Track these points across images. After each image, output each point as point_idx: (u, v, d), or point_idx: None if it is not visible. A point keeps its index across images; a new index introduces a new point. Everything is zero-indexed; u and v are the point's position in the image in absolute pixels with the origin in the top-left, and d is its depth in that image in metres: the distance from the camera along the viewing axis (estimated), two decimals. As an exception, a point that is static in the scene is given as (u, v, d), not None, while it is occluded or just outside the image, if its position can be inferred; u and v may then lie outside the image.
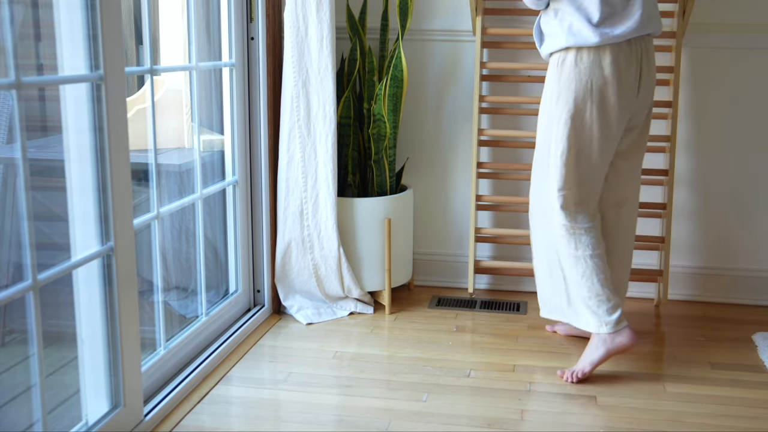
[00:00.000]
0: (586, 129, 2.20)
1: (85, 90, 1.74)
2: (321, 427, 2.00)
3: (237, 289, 2.70)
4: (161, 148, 2.54)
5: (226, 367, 2.35)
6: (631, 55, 2.17)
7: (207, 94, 2.62)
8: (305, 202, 2.72)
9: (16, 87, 1.52)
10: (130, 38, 2.40)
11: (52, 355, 2.09)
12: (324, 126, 2.66)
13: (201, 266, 2.45)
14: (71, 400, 1.96)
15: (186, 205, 2.41)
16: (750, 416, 2.08)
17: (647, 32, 2.18)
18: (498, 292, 3.06)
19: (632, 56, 2.17)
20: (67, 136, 1.75)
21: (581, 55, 2.16)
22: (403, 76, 2.76)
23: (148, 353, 2.14)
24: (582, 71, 2.16)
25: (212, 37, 2.58)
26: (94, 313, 1.83)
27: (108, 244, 1.81)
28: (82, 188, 1.78)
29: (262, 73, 2.63)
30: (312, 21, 2.60)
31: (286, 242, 2.74)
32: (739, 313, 2.86)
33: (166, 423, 2.01)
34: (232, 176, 2.64)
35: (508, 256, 3.08)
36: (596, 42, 2.13)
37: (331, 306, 2.80)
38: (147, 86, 2.14)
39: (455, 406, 2.11)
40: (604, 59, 2.15)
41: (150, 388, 2.08)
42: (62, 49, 1.72)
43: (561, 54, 2.20)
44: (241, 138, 2.65)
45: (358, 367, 2.37)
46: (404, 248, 2.92)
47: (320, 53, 2.62)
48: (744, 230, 2.93)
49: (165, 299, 2.39)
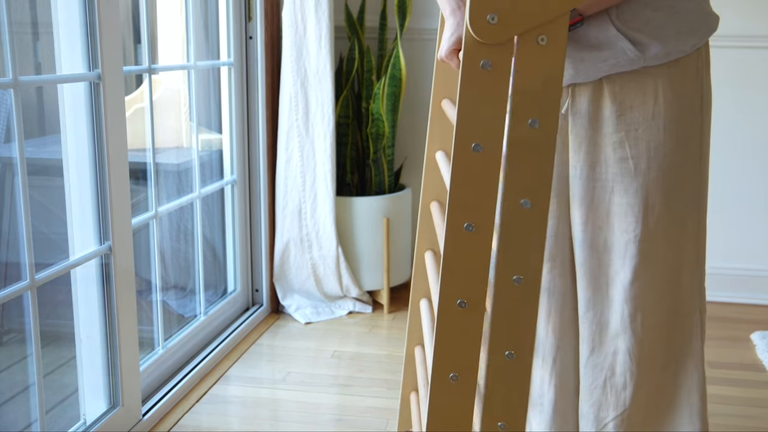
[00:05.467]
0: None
1: (83, 89, 1.74)
2: (319, 426, 2.00)
3: (235, 288, 2.70)
4: (159, 147, 2.54)
5: (224, 367, 2.35)
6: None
7: (205, 93, 2.62)
8: (304, 202, 2.72)
9: (13, 86, 1.52)
10: (128, 37, 2.39)
11: (51, 355, 2.09)
12: (322, 125, 2.66)
13: (199, 265, 2.45)
14: (69, 399, 1.96)
15: (184, 205, 2.41)
16: (748, 415, 2.08)
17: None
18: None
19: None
20: (65, 135, 1.75)
21: (700, 54, 1.32)
22: (402, 76, 2.76)
23: (147, 353, 2.14)
24: (701, 79, 1.32)
25: (210, 36, 2.58)
26: (92, 313, 1.83)
27: (106, 244, 1.80)
28: (80, 187, 1.77)
29: (261, 72, 2.63)
30: (310, 20, 2.60)
31: (285, 241, 2.74)
32: (738, 312, 2.86)
33: (165, 422, 2.00)
34: (231, 175, 2.64)
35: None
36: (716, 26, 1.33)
37: (329, 305, 2.80)
38: (145, 85, 2.14)
39: (454, 405, 2.11)
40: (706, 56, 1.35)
41: (148, 388, 2.08)
42: (60, 47, 1.72)
43: (689, 59, 1.29)
44: (239, 137, 2.64)
45: (356, 366, 2.37)
46: (403, 247, 2.92)
47: (319, 52, 2.61)
48: (743, 229, 2.93)
49: (163, 298, 2.39)
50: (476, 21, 0.99)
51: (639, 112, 1.27)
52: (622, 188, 1.30)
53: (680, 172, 1.30)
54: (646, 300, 1.33)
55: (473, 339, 1.08)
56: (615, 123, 1.29)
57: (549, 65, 1.02)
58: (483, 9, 0.99)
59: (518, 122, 1.03)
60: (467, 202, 1.04)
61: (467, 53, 1.01)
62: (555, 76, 1.02)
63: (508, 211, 1.05)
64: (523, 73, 1.02)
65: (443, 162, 1.42)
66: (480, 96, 1.02)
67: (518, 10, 1.00)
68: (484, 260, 1.06)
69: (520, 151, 1.03)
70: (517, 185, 1.04)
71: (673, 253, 1.33)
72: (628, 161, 1.28)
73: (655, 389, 1.39)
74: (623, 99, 1.28)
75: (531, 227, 1.05)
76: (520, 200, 1.04)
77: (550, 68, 1.02)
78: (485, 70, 1.02)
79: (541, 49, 1.02)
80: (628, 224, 1.30)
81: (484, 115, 1.03)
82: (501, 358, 1.07)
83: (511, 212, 1.04)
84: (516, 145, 1.03)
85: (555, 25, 1.02)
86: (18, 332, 2.22)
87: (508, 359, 1.07)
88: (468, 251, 1.05)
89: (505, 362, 1.07)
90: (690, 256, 1.34)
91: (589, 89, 1.31)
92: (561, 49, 1.02)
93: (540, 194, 1.05)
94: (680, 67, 1.27)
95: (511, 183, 1.04)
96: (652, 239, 1.30)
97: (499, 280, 1.06)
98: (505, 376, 1.08)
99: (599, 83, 1.29)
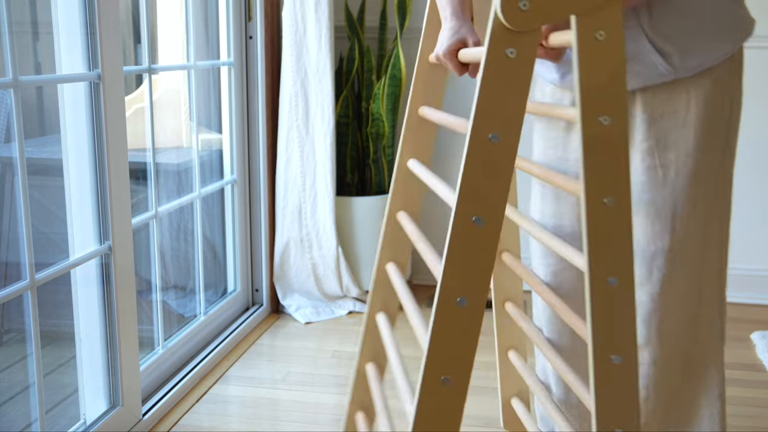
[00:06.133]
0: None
1: (83, 89, 1.74)
2: (319, 426, 2.00)
3: (235, 288, 2.70)
4: (159, 147, 2.54)
5: (224, 367, 2.35)
6: None
7: (205, 93, 2.62)
8: (304, 201, 2.72)
9: (13, 86, 1.52)
10: (128, 37, 2.39)
11: (51, 355, 2.09)
12: (322, 125, 2.66)
13: (199, 265, 2.45)
14: (69, 399, 1.96)
15: (184, 204, 2.41)
16: (747, 415, 2.08)
17: None
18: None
19: None
20: (65, 135, 1.75)
21: (733, 61, 1.30)
22: (402, 76, 2.76)
23: (147, 352, 2.14)
24: (733, 86, 1.31)
25: (210, 35, 2.58)
26: (92, 313, 1.83)
27: (106, 244, 1.80)
28: (80, 187, 1.77)
29: (261, 72, 2.63)
30: (310, 20, 2.60)
31: (285, 241, 2.74)
32: (737, 312, 2.86)
33: (165, 422, 2.00)
34: (231, 175, 2.64)
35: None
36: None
37: (329, 305, 2.80)
38: (145, 85, 2.14)
39: (454, 405, 2.11)
40: (739, 62, 1.33)
41: (148, 388, 2.08)
42: (60, 47, 1.72)
43: (722, 67, 1.28)
44: (239, 137, 2.64)
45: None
46: (403, 247, 2.92)
47: (319, 52, 2.61)
48: (744, 230, 2.93)
49: (163, 298, 2.39)
50: (508, 6, 0.96)
51: (669, 121, 1.27)
52: (650, 197, 1.29)
53: (708, 180, 1.29)
54: (672, 310, 1.33)
55: (470, 340, 1.04)
56: (645, 131, 1.28)
57: (612, 59, 1.00)
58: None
59: (589, 120, 1.01)
60: (479, 194, 1.01)
61: (493, 39, 0.99)
62: (619, 70, 1.00)
63: (593, 212, 1.01)
64: (587, 71, 1.00)
65: (421, 170, 1.39)
66: (502, 84, 1.00)
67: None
68: (490, 256, 1.03)
69: (595, 150, 1.01)
70: (598, 184, 1.01)
71: (699, 263, 1.32)
72: (657, 170, 1.28)
73: (675, 394, 1.38)
74: (654, 107, 1.28)
75: (617, 224, 1.02)
76: (603, 199, 1.01)
77: (614, 63, 1.00)
78: (510, 58, 0.99)
79: (601, 45, 0.99)
80: (654, 234, 1.29)
81: (505, 104, 1.00)
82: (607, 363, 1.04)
83: (597, 212, 1.01)
84: (591, 144, 1.01)
85: (610, 19, 0.99)
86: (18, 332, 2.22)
87: (615, 362, 1.05)
88: (474, 245, 1.02)
89: (613, 366, 1.05)
90: (714, 264, 1.33)
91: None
92: (620, 42, 1.00)
93: (621, 190, 1.02)
94: (712, 75, 1.26)
95: (592, 182, 1.01)
96: (679, 250, 1.29)
97: (594, 283, 1.03)
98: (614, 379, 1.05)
99: (632, 91, 1.29)
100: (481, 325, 1.03)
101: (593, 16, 1.00)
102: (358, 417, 1.63)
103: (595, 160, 1.02)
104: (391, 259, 1.54)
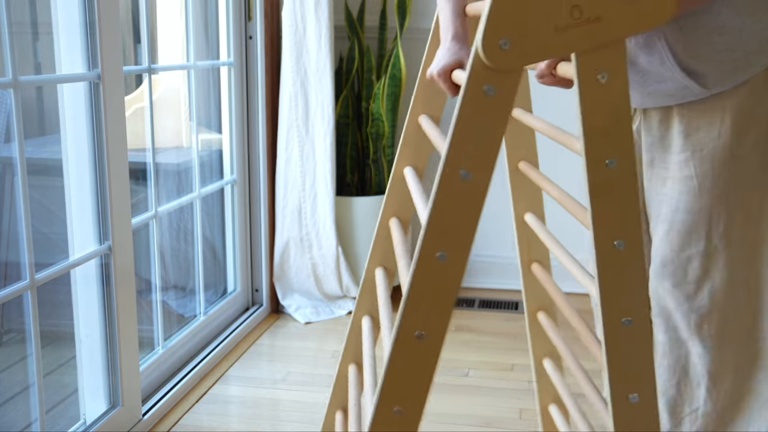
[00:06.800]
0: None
1: (83, 89, 1.74)
2: (319, 426, 2.00)
3: (235, 288, 2.70)
4: (159, 147, 2.54)
5: (224, 367, 2.35)
6: None
7: (205, 93, 2.62)
8: (304, 201, 2.72)
9: (13, 86, 1.52)
10: (128, 37, 2.39)
11: (51, 355, 2.09)
12: (322, 125, 2.66)
13: (199, 265, 2.45)
14: (69, 399, 1.96)
15: (184, 204, 2.41)
16: None
17: None
18: (497, 291, 3.06)
19: None
20: (65, 135, 1.75)
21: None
22: (402, 75, 2.76)
23: (147, 352, 2.14)
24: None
25: (210, 36, 2.58)
26: (92, 313, 1.83)
27: (106, 244, 1.80)
28: (80, 187, 1.77)
29: (261, 72, 2.63)
30: (310, 20, 2.60)
31: (285, 241, 2.74)
32: None
33: (164, 422, 2.00)
34: (231, 175, 2.64)
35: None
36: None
37: (329, 305, 2.80)
38: (145, 85, 2.14)
39: (454, 405, 2.11)
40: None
41: (148, 388, 2.08)
42: (60, 47, 1.72)
43: (758, 78, 1.27)
44: (239, 137, 2.64)
45: (356, 366, 2.37)
46: (403, 247, 2.92)
47: (318, 52, 2.61)
48: None
49: (163, 298, 2.39)
50: (488, 43, 0.94)
51: (705, 133, 1.28)
52: (687, 206, 1.32)
53: (745, 189, 1.31)
54: (712, 311, 1.36)
55: (426, 373, 1.04)
56: (682, 143, 1.30)
57: (615, 101, 0.98)
58: (497, 32, 0.94)
59: (595, 165, 0.99)
60: (446, 231, 1.00)
61: (472, 75, 0.97)
62: (624, 112, 0.98)
63: (603, 255, 1.01)
64: (591, 114, 0.98)
65: (412, 180, 1.39)
66: (478, 122, 0.98)
67: (533, 40, 0.95)
68: (452, 292, 1.02)
69: (603, 194, 1.00)
70: (607, 228, 1.00)
71: (743, 264, 1.34)
72: (693, 180, 1.30)
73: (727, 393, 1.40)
74: (690, 120, 1.30)
75: (630, 267, 1.02)
76: (614, 242, 1.01)
77: (617, 105, 0.98)
78: (488, 96, 0.97)
79: (604, 87, 0.97)
80: (690, 240, 1.32)
81: (480, 142, 0.99)
82: (626, 402, 1.06)
83: (608, 256, 1.01)
84: (598, 189, 0.99)
85: (612, 60, 0.97)
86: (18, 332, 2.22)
87: (632, 402, 1.06)
88: (436, 281, 1.01)
89: (630, 405, 1.06)
90: (758, 265, 1.35)
91: (660, 110, 1.33)
92: (624, 84, 0.97)
93: (632, 233, 1.01)
94: (748, 87, 1.27)
95: (601, 227, 1.00)
96: (714, 254, 1.32)
97: (607, 324, 1.03)
98: (633, 420, 1.07)
99: (668, 106, 1.32)
100: (438, 359, 1.03)
101: (593, 56, 0.97)
102: (337, 417, 1.64)
103: (603, 205, 1.00)
104: (380, 264, 1.54)
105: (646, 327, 1.05)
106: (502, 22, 0.95)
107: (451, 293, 1.03)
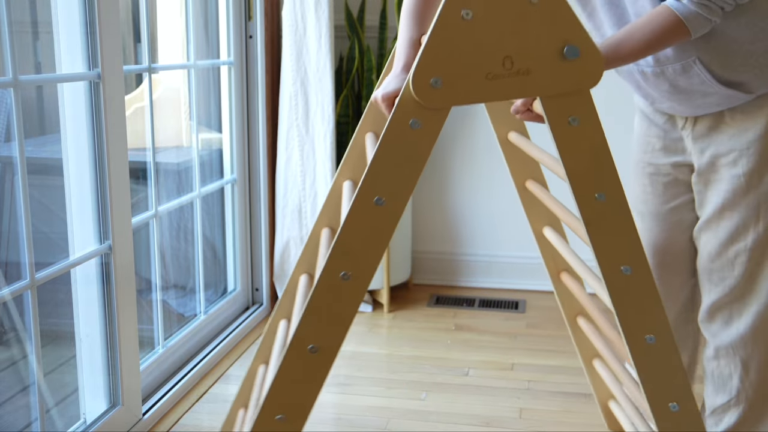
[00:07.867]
0: None
1: (83, 88, 1.74)
2: (319, 425, 2.00)
3: (235, 287, 2.70)
4: (159, 147, 2.54)
5: (224, 366, 2.35)
6: None
7: (205, 92, 2.62)
8: (304, 201, 2.72)
9: (13, 85, 1.52)
10: (128, 36, 2.39)
11: (51, 354, 2.09)
12: (322, 124, 2.66)
13: (199, 265, 2.45)
14: (69, 398, 1.96)
15: (184, 204, 2.41)
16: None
17: None
18: (497, 291, 3.06)
19: None
20: (65, 135, 1.75)
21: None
22: (402, 75, 2.76)
23: (147, 352, 2.14)
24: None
25: (210, 35, 2.58)
26: (92, 312, 1.83)
27: (106, 243, 1.80)
28: (80, 187, 1.77)
29: (261, 71, 2.63)
30: (310, 19, 2.60)
31: (285, 240, 2.74)
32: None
33: (165, 422, 2.00)
34: (231, 175, 2.64)
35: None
36: None
37: (329, 304, 2.80)
38: (145, 84, 2.14)
39: (454, 404, 2.11)
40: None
41: (148, 387, 2.08)
42: (60, 47, 1.72)
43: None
44: (239, 136, 2.64)
45: (356, 365, 2.37)
46: (403, 247, 2.92)
47: (319, 52, 2.61)
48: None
49: (163, 298, 2.39)
50: (419, 80, 0.96)
51: (753, 133, 1.35)
52: (734, 203, 1.38)
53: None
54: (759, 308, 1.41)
55: (314, 386, 1.07)
56: (731, 143, 1.37)
57: (591, 140, 0.99)
58: (429, 70, 0.95)
59: (585, 201, 1.01)
60: (353, 252, 1.01)
61: (400, 107, 0.98)
62: (602, 150, 0.99)
63: (613, 283, 1.03)
64: (570, 156, 0.99)
65: (348, 194, 1.40)
66: (400, 152, 0.99)
67: (464, 83, 0.96)
68: (351, 311, 1.04)
69: (599, 227, 1.01)
70: (610, 257, 1.02)
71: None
72: (740, 178, 1.36)
73: (762, 393, 1.45)
74: (739, 121, 1.36)
75: (641, 289, 1.04)
76: (620, 268, 1.03)
77: (594, 145, 0.99)
78: (413, 129, 0.98)
79: (577, 130, 0.99)
80: (738, 234, 1.38)
81: (399, 172, 1.00)
82: (667, 411, 1.09)
83: (616, 282, 1.03)
84: (592, 223, 1.01)
85: (580, 105, 0.98)
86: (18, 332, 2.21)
87: (673, 411, 1.09)
88: (337, 299, 1.03)
89: (671, 414, 1.09)
90: None
91: (711, 115, 1.39)
92: (596, 125, 0.99)
93: (635, 257, 1.02)
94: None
95: (604, 257, 1.02)
96: (761, 249, 1.39)
97: (632, 344, 1.05)
98: (677, 428, 1.09)
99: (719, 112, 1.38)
100: (328, 374, 1.05)
101: (559, 101, 0.98)
102: (239, 414, 1.66)
103: (600, 236, 1.02)
104: (305, 271, 1.56)
105: (670, 340, 1.06)
106: (436, 62, 0.97)
107: (348, 313, 1.04)
